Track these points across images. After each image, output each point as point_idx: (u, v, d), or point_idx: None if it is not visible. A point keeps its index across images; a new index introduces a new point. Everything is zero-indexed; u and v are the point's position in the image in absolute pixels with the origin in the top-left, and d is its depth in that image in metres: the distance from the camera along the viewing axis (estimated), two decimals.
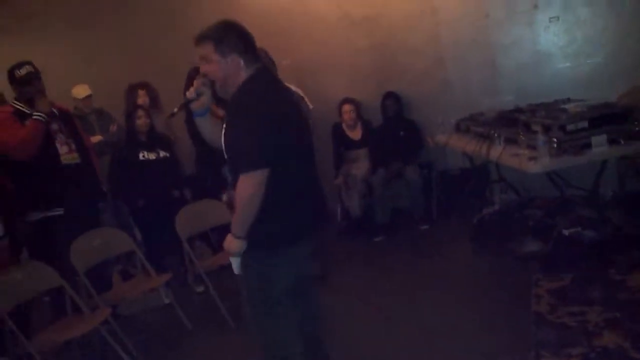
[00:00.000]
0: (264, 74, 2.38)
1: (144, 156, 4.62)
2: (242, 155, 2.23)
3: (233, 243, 2.32)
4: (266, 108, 2.24)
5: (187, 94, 2.37)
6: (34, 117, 3.73)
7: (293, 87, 4.91)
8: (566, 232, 4.09)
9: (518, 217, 4.71)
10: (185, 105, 2.40)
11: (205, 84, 2.35)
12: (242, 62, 2.30)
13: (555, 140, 3.53)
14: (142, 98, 5.23)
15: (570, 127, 3.58)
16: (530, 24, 5.14)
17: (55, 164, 3.82)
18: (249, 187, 2.20)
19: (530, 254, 4.12)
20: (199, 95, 2.35)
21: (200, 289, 4.49)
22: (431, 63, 5.55)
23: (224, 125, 2.33)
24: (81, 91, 5.44)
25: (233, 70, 2.30)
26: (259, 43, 2.44)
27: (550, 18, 5.05)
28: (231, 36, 2.32)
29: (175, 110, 2.44)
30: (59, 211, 3.81)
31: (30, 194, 3.79)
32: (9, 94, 4.16)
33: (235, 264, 2.39)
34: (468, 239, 4.71)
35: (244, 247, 2.31)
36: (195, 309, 4.31)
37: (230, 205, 4.44)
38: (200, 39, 2.34)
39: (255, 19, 5.95)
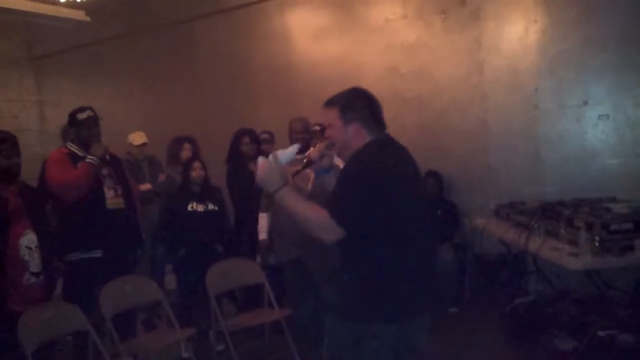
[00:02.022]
0: (382, 143, 2.38)
1: (192, 207, 4.71)
2: (336, 200, 2.26)
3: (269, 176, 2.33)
4: (369, 177, 2.24)
5: (311, 154, 2.51)
6: (87, 160, 3.86)
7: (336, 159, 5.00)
8: (602, 334, 3.95)
9: (552, 310, 4.58)
10: (307, 165, 2.54)
11: (328, 147, 2.47)
12: (363, 130, 2.36)
13: (598, 238, 3.47)
14: (186, 152, 5.37)
15: (614, 227, 3.53)
16: (579, 120, 5.15)
17: (100, 208, 3.92)
18: (322, 222, 2.21)
19: (563, 352, 3.98)
20: (321, 157, 2.49)
21: (221, 347, 4.44)
22: (477, 147, 5.59)
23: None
24: (138, 138, 5.63)
25: (353, 137, 2.36)
26: (309, 112, 2.57)
27: (600, 115, 5.06)
28: (357, 104, 2.40)
29: (299, 169, 2.58)
30: (98, 254, 3.87)
31: (72, 234, 3.88)
32: None
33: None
34: (498, 328, 4.58)
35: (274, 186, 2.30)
36: None
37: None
38: (329, 103, 2.45)
39: (308, 86, 6.26)
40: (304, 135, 4.30)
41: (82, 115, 3.97)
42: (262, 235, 4.49)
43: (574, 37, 5.13)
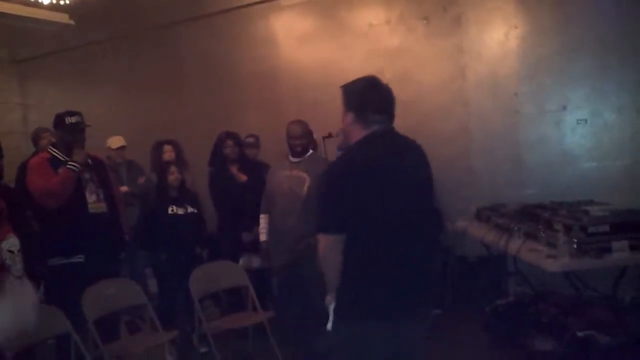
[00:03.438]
0: (376, 137, 2.30)
1: (172, 211, 4.71)
2: (317, 215, 2.30)
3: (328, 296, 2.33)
4: (352, 174, 2.21)
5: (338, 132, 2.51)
6: (68, 166, 3.86)
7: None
8: (581, 334, 4.01)
9: (532, 311, 4.64)
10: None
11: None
12: (356, 122, 2.30)
13: (575, 241, 3.53)
14: (169, 153, 5.39)
15: (591, 230, 3.59)
16: (559, 124, 5.23)
17: (82, 212, 3.92)
18: (320, 247, 2.27)
19: (542, 353, 4.03)
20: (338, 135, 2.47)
21: (204, 349, 4.46)
22: (459, 151, 5.65)
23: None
24: (116, 141, 5.63)
25: (348, 127, 2.34)
26: (294, 116, 2.56)
27: (578, 120, 5.15)
28: (355, 93, 2.34)
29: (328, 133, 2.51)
30: (80, 258, 3.88)
31: (53, 239, 3.88)
32: None
33: (330, 317, 2.35)
34: (479, 329, 4.63)
35: (332, 302, 2.30)
36: None
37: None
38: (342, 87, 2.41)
39: (293, 91, 6.30)
40: (302, 140, 4.22)
41: (70, 119, 3.95)
42: (263, 236, 4.43)
43: (553, 43, 5.22)
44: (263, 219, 4.44)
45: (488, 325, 4.63)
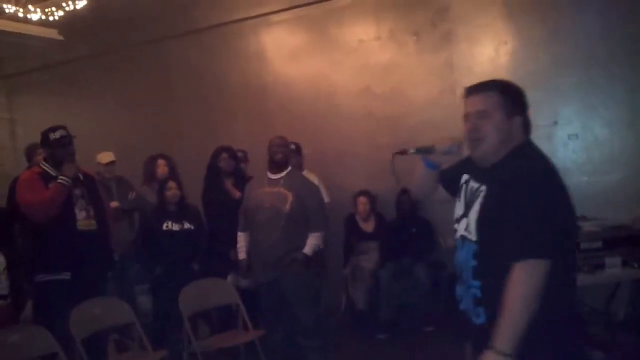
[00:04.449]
0: (535, 146, 2.00)
1: (167, 227, 4.65)
2: (524, 237, 1.76)
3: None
4: (560, 184, 1.88)
5: (438, 146, 2.13)
6: (59, 180, 3.81)
7: (312, 177, 5.01)
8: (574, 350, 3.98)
9: None
10: (424, 153, 2.16)
11: (460, 145, 2.10)
12: (520, 130, 1.97)
13: None
14: (162, 168, 5.35)
15: (584, 246, 3.59)
16: (550, 139, 5.23)
17: (71, 229, 3.86)
18: (531, 279, 1.70)
19: None
20: (448, 152, 2.10)
21: None
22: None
23: (484, 194, 1.95)
24: (105, 157, 5.58)
25: (510, 134, 1.96)
26: (284, 130, 2.47)
27: (570, 135, 5.16)
28: (522, 94, 2.02)
29: (412, 151, 2.21)
30: (67, 276, 3.80)
31: (40, 255, 3.82)
32: None
33: None
34: (473, 346, 4.58)
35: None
36: None
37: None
38: (484, 88, 2.02)
39: (283, 106, 6.29)
40: (283, 149, 4.33)
41: (54, 135, 3.92)
42: (242, 254, 4.44)
43: (543, 59, 5.24)
44: (242, 237, 4.44)
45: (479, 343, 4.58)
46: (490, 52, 5.50)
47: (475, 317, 1.94)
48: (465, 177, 2.12)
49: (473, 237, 1.94)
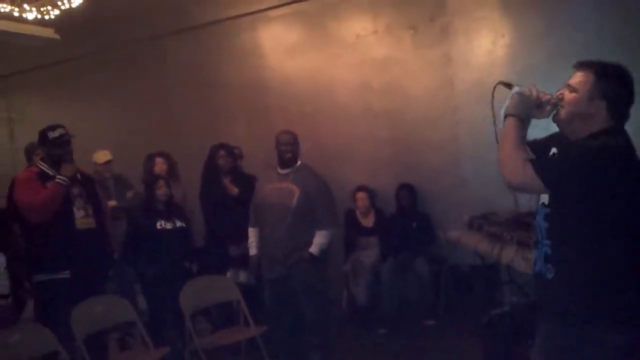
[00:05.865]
0: (623, 134, 2.09)
1: (161, 225, 4.65)
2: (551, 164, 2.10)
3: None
4: (628, 172, 2.00)
5: (543, 97, 2.21)
6: (57, 180, 3.80)
7: None
8: None
9: (528, 320, 4.61)
10: (555, 105, 2.20)
11: (556, 103, 2.19)
12: (604, 114, 2.09)
13: None
14: (160, 166, 5.34)
15: None
16: (549, 131, 5.20)
17: (69, 228, 3.86)
18: (515, 163, 2.12)
19: None
20: (555, 105, 2.19)
21: None
22: (448, 160, 5.64)
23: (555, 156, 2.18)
24: (102, 156, 5.57)
25: (588, 116, 2.10)
26: (281, 126, 2.44)
27: None
28: (612, 82, 2.10)
29: (517, 89, 2.29)
30: (66, 274, 3.80)
31: (39, 254, 3.82)
32: None
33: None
34: (474, 340, 4.59)
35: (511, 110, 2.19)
36: None
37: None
38: (584, 66, 2.16)
39: (280, 102, 6.28)
40: (291, 147, 4.24)
41: (53, 134, 3.90)
42: (253, 250, 4.39)
43: (541, 51, 5.22)
44: (252, 233, 4.41)
45: (483, 335, 4.58)
46: (487, 44, 5.48)
47: (548, 272, 2.17)
48: (553, 149, 2.31)
49: (546, 201, 2.20)
